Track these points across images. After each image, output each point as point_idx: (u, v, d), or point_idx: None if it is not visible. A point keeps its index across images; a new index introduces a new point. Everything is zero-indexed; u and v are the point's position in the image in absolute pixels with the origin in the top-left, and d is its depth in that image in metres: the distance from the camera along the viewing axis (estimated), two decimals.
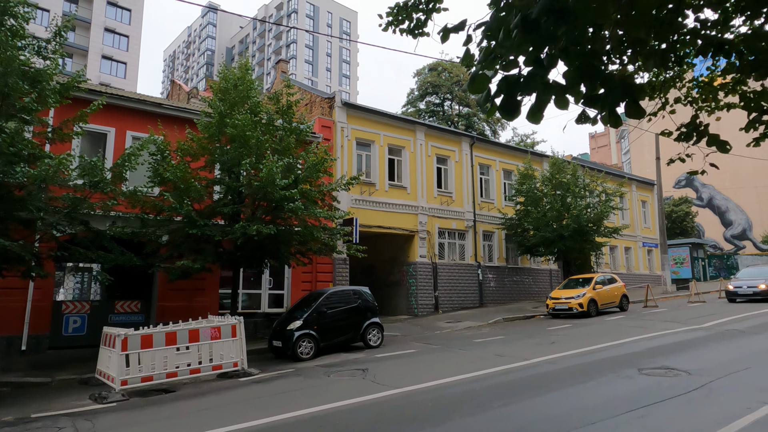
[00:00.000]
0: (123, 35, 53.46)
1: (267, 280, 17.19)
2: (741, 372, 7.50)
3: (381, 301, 22.78)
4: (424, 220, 21.27)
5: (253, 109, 12.87)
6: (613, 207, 21.87)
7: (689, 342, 10.43)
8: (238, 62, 13.86)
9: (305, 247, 13.47)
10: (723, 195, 49.98)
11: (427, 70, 39.96)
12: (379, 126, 20.71)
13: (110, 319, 14.85)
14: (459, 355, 10.41)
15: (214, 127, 12.46)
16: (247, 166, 11.51)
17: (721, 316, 14.64)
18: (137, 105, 15.26)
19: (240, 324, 9.73)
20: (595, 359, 9.06)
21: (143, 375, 8.51)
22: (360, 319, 12.24)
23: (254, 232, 11.22)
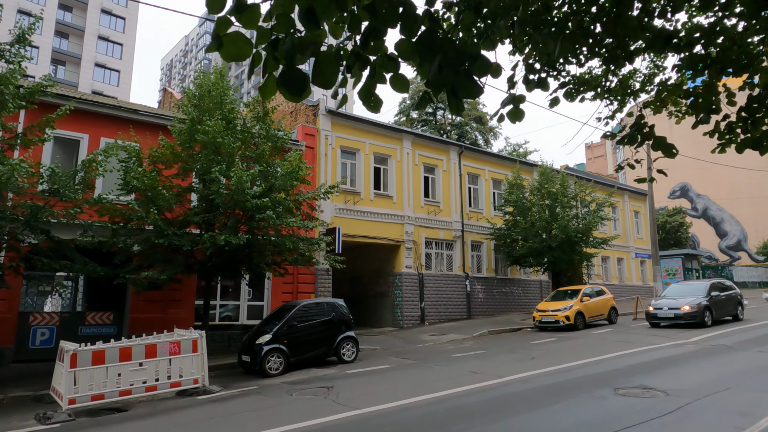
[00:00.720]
0: (117, 43, 53.37)
1: (246, 291, 16.75)
2: (721, 393, 7.09)
3: (366, 312, 22.38)
4: (411, 230, 20.88)
5: (227, 115, 12.52)
6: (602, 217, 21.52)
7: (672, 359, 10.01)
8: (214, 67, 13.55)
9: (281, 257, 13.08)
10: (718, 206, 49.72)
11: (419, 80, 39.77)
12: (364, 134, 20.39)
13: (80, 331, 14.39)
14: (433, 372, 9.97)
15: (186, 134, 12.11)
16: (216, 174, 11.13)
17: (710, 331, 14.23)
18: (112, 111, 14.92)
19: (201, 338, 9.29)
20: (571, 377, 8.64)
21: (93, 393, 8.06)
22: (334, 332, 11.80)
23: (222, 242, 10.83)
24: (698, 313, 15.02)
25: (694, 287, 16.62)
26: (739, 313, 16.85)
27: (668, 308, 15.54)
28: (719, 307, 15.98)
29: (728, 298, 16.71)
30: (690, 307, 15.13)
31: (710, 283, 16.44)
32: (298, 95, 2.08)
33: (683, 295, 15.91)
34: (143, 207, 11.18)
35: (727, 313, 16.54)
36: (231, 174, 11.00)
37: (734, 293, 17.14)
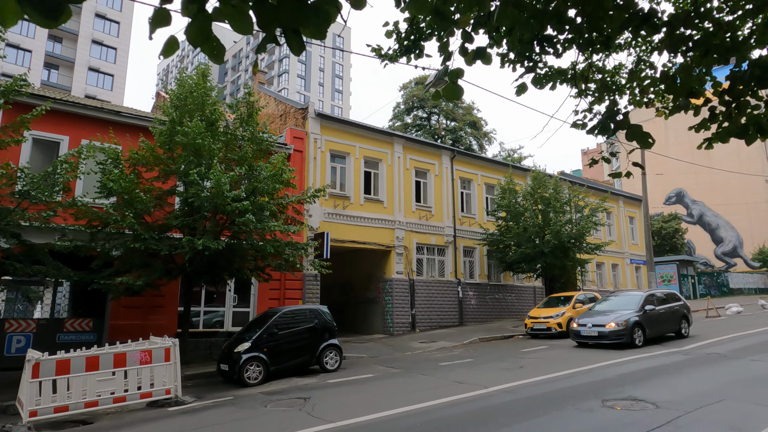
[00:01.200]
0: (111, 47, 53.15)
1: (231, 297, 16.37)
2: (713, 405, 6.75)
3: (357, 319, 21.99)
4: (402, 235, 20.55)
5: (209, 117, 12.20)
6: (595, 223, 21.24)
7: (664, 368, 9.68)
8: (197, 68, 13.24)
9: (264, 262, 12.73)
10: (713, 212, 49.59)
11: (413, 84, 39.63)
12: (354, 138, 20.11)
13: (58, 338, 13.98)
14: (417, 382, 9.60)
15: (166, 135, 11.79)
16: (195, 176, 10.79)
17: (704, 338, 13.92)
18: (93, 113, 14.58)
19: (175, 347, 8.92)
20: (558, 387, 8.29)
21: (57, 405, 7.67)
22: (316, 340, 11.42)
23: (201, 247, 10.48)
24: (625, 331, 12.70)
25: (627, 300, 14.34)
26: (683, 329, 14.49)
27: (592, 325, 13.25)
28: (655, 323, 13.61)
29: (669, 312, 14.30)
30: (616, 324, 12.81)
31: (645, 295, 14.13)
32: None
33: (615, 309, 13.77)
34: (119, 210, 10.83)
35: (668, 330, 14.23)
36: (210, 176, 10.68)
37: (677, 306, 14.76)
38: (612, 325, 12.89)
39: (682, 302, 15.14)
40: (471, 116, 39.35)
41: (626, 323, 12.85)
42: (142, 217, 11.71)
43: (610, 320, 13.04)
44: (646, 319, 13.36)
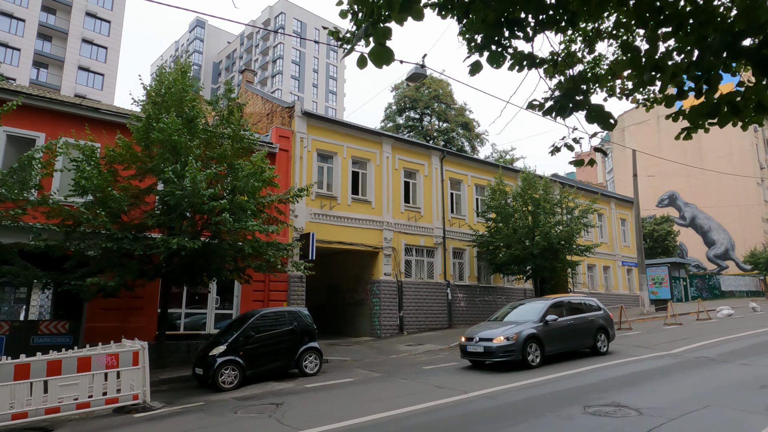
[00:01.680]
0: (101, 47, 52.63)
1: (213, 299, 16.01)
2: (699, 411, 6.49)
3: (344, 321, 21.66)
4: (390, 237, 20.25)
5: (187, 113, 11.86)
6: (585, 224, 21.02)
7: (651, 372, 9.42)
8: (176, 63, 12.91)
9: (244, 263, 12.39)
10: (706, 214, 49.61)
11: (405, 84, 39.38)
12: (342, 137, 19.80)
13: (33, 341, 13.57)
14: (397, 387, 9.30)
15: (143, 132, 11.44)
16: (170, 174, 10.46)
17: (693, 341, 13.69)
18: (72, 109, 14.21)
19: (143, 350, 8.56)
20: (541, 393, 8.01)
21: (15, 411, 7.30)
22: (295, 343, 11.09)
23: (175, 246, 10.14)
24: (515, 346, 10.45)
25: (532, 308, 12.10)
26: (600, 345, 12.22)
27: (479, 339, 10.95)
28: (559, 337, 11.46)
29: (581, 324, 12.08)
30: (505, 338, 10.49)
31: (549, 304, 11.94)
32: None
33: (517, 320, 11.72)
34: (91, 209, 10.48)
35: (578, 345, 12.04)
36: (186, 174, 10.34)
37: (594, 316, 12.49)
38: (500, 340, 10.48)
39: (602, 312, 12.90)
40: (463, 117, 39.14)
41: (517, 337, 10.53)
42: (119, 216, 11.36)
43: (499, 333, 10.68)
44: (547, 332, 11.16)
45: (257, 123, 22.11)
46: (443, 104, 38.83)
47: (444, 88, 39.10)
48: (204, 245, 11.04)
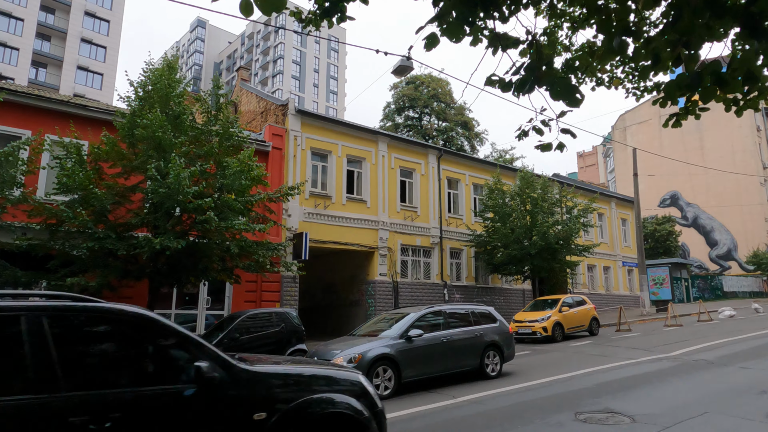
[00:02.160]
0: (100, 46, 52.51)
1: (204, 299, 15.75)
2: (696, 419, 6.18)
3: (340, 322, 21.36)
4: (385, 236, 19.97)
5: (173, 109, 11.59)
6: (584, 224, 20.70)
7: (647, 376, 9.10)
8: (164, 58, 12.63)
9: (233, 262, 12.12)
10: (708, 214, 49.17)
11: (404, 84, 39.11)
12: (337, 136, 19.53)
13: None
14: None
15: (127, 129, 11.18)
16: (153, 171, 10.18)
17: (693, 344, 13.35)
18: (59, 106, 13.99)
19: None
20: (531, 398, 7.70)
21: None
22: (282, 345, 10.82)
23: (158, 246, 9.87)
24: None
25: (400, 319, 9.68)
26: (488, 366, 9.86)
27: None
28: (429, 358, 9.11)
29: (462, 340, 9.72)
30: (346, 360, 8.15)
31: (417, 315, 9.62)
32: None
33: (379, 334, 9.45)
34: (72, 207, 10.21)
35: (458, 366, 9.60)
36: (169, 171, 10.07)
37: (483, 330, 10.16)
38: (340, 362, 7.94)
39: (497, 324, 10.58)
40: (463, 116, 38.84)
41: (361, 358, 8.15)
42: (104, 215, 11.09)
43: (339, 353, 8.31)
44: (408, 351, 8.76)
45: (252, 121, 21.86)
46: (442, 103, 38.54)
47: (443, 87, 38.81)
48: (189, 245, 10.76)
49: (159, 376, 3.34)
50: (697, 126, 50.32)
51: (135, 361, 3.38)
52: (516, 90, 2.52)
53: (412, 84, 38.72)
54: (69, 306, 3.20)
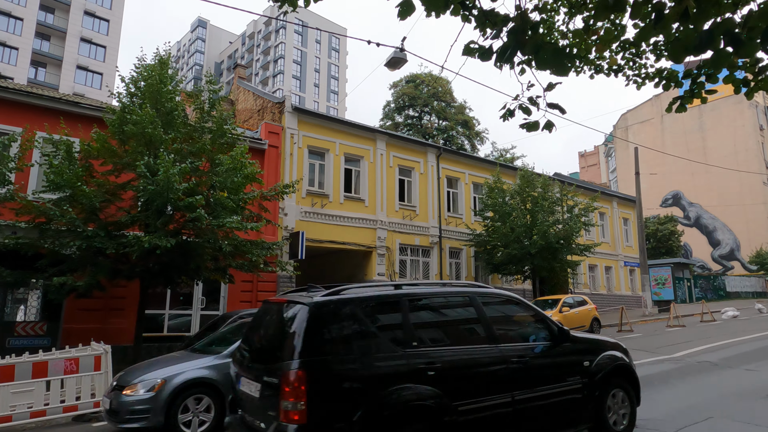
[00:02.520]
0: (100, 46, 52.40)
1: (199, 299, 15.52)
2: (699, 424, 5.92)
3: None
4: (384, 236, 19.72)
5: (164, 105, 11.36)
6: (585, 223, 20.42)
7: (649, 378, 8.81)
8: (157, 55, 12.38)
9: (226, 261, 11.88)
10: (710, 214, 48.81)
11: (404, 82, 38.87)
12: (334, 134, 19.28)
13: (8, 343, 13.13)
14: None
15: (116, 125, 10.96)
16: (142, 168, 9.96)
17: (696, 345, 13.08)
18: (50, 103, 13.79)
19: (106, 354, 8.06)
20: None
21: None
22: None
23: (147, 245, 9.63)
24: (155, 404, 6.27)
25: None
26: None
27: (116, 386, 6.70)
28: None
29: None
30: (144, 388, 6.37)
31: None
32: None
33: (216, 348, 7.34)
34: (59, 205, 10.00)
35: None
36: (159, 167, 9.83)
37: None
38: (133, 390, 6.32)
39: None
40: (463, 115, 38.56)
41: (163, 385, 6.31)
42: (95, 214, 10.87)
43: (138, 381, 6.43)
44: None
45: (249, 119, 21.64)
46: (442, 102, 38.28)
47: (443, 86, 38.55)
48: (180, 243, 10.54)
49: (531, 334, 5.23)
50: (700, 126, 49.99)
51: (521, 325, 5.36)
52: (498, 59, 2.25)
53: (412, 83, 38.47)
54: (484, 291, 5.26)
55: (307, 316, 3.89)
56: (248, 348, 4.77)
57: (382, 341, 4.17)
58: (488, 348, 4.65)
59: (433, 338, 4.51)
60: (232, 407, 4.65)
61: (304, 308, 4.00)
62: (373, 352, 4.02)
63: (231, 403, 4.73)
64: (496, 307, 5.20)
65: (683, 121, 51.04)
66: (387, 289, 4.70)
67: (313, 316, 3.89)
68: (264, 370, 4.14)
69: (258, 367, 4.34)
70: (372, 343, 4.12)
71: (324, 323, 3.93)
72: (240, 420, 4.39)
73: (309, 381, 3.61)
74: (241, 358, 4.75)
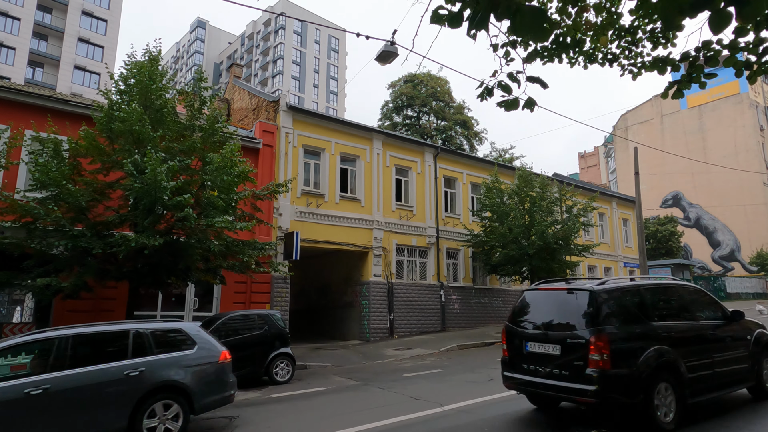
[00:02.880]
0: (98, 46, 52.21)
1: (191, 301, 15.28)
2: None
3: (334, 324, 20.89)
4: (380, 236, 19.48)
5: (153, 102, 11.14)
6: (584, 223, 20.17)
7: None
8: (147, 51, 12.16)
9: (216, 262, 11.65)
10: (710, 215, 48.55)
11: (402, 82, 38.65)
12: (330, 133, 19.06)
13: None
14: (368, 398, 8.52)
15: (104, 122, 10.73)
16: (129, 166, 9.73)
17: None
18: (39, 101, 13.56)
19: None
20: (524, 407, 7.20)
21: None
22: (266, 348, 10.33)
23: (133, 244, 9.41)
24: None
25: None
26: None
27: None
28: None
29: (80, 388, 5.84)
30: None
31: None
32: None
33: None
34: (43, 204, 9.77)
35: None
36: (146, 165, 9.60)
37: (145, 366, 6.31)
38: None
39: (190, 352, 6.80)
40: (462, 116, 38.32)
41: None
42: (83, 213, 10.64)
43: None
44: None
45: (244, 118, 21.42)
46: (441, 102, 38.05)
47: (442, 86, 38.33)
48: (169, 243, 10.31)
49: (712, 314, 6.84)
50: (700, 126, 49.77)
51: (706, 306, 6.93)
52: (469, 26, 2.00)
53: (411, 83, 38.24)
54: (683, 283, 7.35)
55: (592, 298, 5.72)
56: (533, 323, 6.34)
57: (637, 316, 5.90)
58: (694, 323, 6.43)
59: (662, 315, 6.22)
60: (511, 365, 6.45)
61: (585, 293, 5.85)
62: (632, 322, 5.79)
63: (509, 362, 6.53)
64: (691, 295, 7.03)
65: (683, 121, 50.82)
66: (625, 280, 6.71)
67: (595, 298, 5.71)
68: (565, 336, 5.78)
69: (556, 334, 5.90)
70: (631, 316, 5.87)
71: (603, 302, 5.73)
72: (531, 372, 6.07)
73: (608, 340, 5.37)
74: (523, 330, 6.36)
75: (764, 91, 51.05)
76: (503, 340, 6.71)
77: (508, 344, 6.57)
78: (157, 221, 10.23)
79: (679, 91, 2.64)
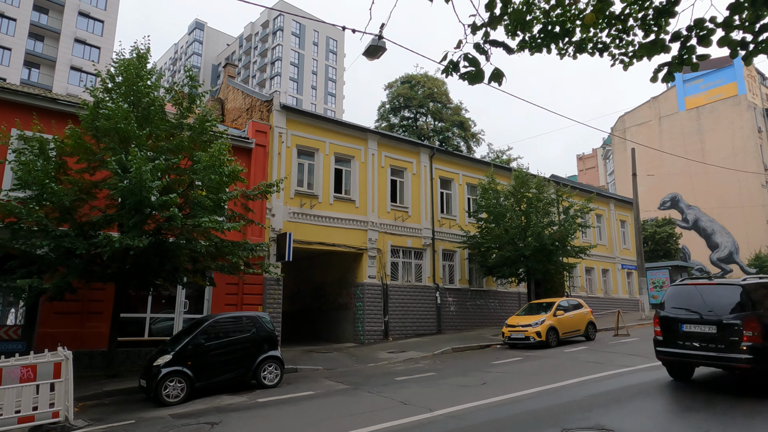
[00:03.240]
0: (94, 47, 51.99)
1: (181, 303, 15.03)
2: None
3: (328, 326, 20.66)
4: (375, 237, 19.26)
5: (141, 100, 10.93)
6: (581, 225, 19.97)
7: (644, 386, 8.37)
8: (136, 50, 11.94)
9: (205, 263, 11.42)
10: (709, 217, 48.36)
11: (399, 83, 38.48)
12: (324, 133, 18.84)
13: None
14: (356, 402, 8.29)
15: (89, 120, 10.52)
16: (113, 164, 9.51)
17: None
18: (26, 99, 13.30)
19: (67, 361, 7.59)
20: (515, 412, 6.98)
21: None
22: (254, 351, 10.08)
23: (117, 245, 9.18)
24: None
25: None
26: None
27: None
28: None
29: None
30: None
31: None
32: None
33: None
34: (25, 204, 9.54)
35: None
36: (131, 164, 9.38)
37: None
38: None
39: None
40: (459, 117, 38.16)
41: None
42: (68, 213, 10.42)
43: None
44: None
45: (237, 118, 21.21)
46: (438, 103, 37.89)
47: (439, 87, 38.17)
48: (155, 243, 10.09)
49: None
50: (698, 128, 49.64)
51: None
52: None
53: (408, 84, 38.08)
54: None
55: (744, 290, 7.52)
56: (687, 309, 7.94)
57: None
58: None
59: None
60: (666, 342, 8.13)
61: (738, 288, 7.62)
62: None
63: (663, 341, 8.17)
64: None
65: (681, 123, 50.71)
66: (759, 278, 8.20)
67: (746, 290, 7.50)
68: (720, 318, 7.44)
69: (712, 316, 7.55)
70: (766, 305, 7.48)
71: (751, 292, 7.50)
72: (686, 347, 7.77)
73: (758, 322, 7.08)
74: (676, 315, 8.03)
75: (762, 93, 50.95)
76: (655, 323, 8.34)
77: (661, 326, 8.11)
78: (143, 221, 10.01)
79: (669, 74, 2.44)
